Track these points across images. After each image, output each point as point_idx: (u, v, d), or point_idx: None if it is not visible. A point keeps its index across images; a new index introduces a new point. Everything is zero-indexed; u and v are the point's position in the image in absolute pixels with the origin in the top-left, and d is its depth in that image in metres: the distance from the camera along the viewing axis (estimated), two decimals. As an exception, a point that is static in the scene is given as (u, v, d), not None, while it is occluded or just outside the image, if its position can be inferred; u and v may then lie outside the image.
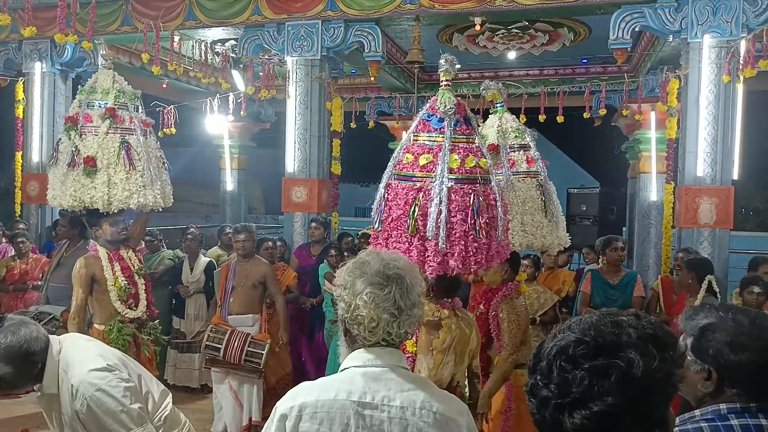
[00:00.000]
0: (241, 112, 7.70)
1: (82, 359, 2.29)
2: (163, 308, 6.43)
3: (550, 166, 4.30)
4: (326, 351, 5.75)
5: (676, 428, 1.07)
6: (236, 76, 8.50)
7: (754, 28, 5.47)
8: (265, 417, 5.22)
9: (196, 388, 6.18)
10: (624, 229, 9.87)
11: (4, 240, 6.55)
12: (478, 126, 2.99)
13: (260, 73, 7.37)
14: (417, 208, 2.69)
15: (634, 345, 1.01)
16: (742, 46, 5.46)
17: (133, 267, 4.37)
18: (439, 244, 2.64)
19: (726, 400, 1.44)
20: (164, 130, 7.53)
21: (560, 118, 7.62)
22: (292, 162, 6.80)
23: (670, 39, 5.94)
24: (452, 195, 2.68)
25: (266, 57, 7.21)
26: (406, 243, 2.71)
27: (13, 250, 6.28)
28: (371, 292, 1.55)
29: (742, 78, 5.47)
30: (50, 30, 7.14)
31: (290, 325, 5.69)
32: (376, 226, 2.84)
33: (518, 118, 7.61)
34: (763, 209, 17.22)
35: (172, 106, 7.67)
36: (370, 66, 6.76)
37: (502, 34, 8.07)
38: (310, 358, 6.14)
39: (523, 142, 4.02)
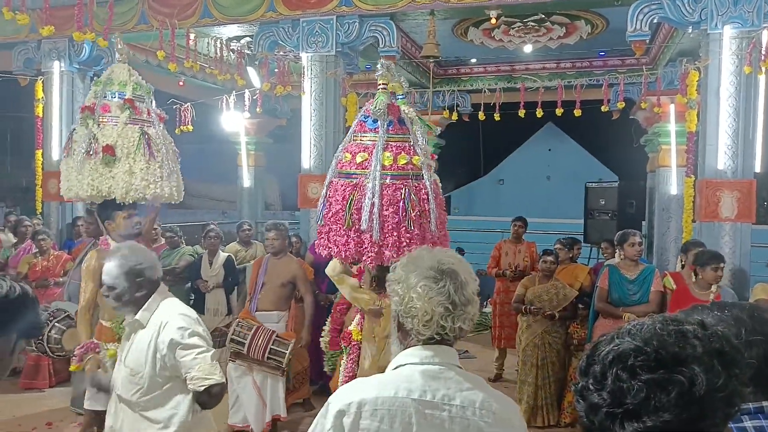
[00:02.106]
0: (257, 109, 7.73)
1: (176, 306, 2.64)
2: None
3: (568, 160, 4.27)
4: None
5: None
6: (252, 72, 8.52)
7: (777, 18, 5.37)
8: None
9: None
10: (643, 223, 9.76)
11: (28, 238, 6.66)
12: (413, 126, 3.22)
13: (275, 70, 7.39)
14: (353, 203, 2.94)
15: (698, 360, 0.95)
16: (764, 36, 5.35)
17: None
18: (374, 235, 2.87)
19: None
20: (181, 127, 7.59)
21: (578, 112, 7.54)
22: (307, 158, 6.81)
23: (690, 30, 5.85)
24: (385, 190, 2.92)
25: (281, 53, 7.23)
26: (345, 236, 2.96)
27: (36, 248, 6.38)
28: (425, 285, 1.54)
29: (763, 69, 5.36)
30: (68, 29, 7.22)
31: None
32: (320, 222, 3.09)
33: (535, 112, 7.65)
34: (786, 202, 16.92)
35: (188, 103, 7.72)
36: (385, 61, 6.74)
37: (518, 27, 8.01)
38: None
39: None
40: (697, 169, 5.93)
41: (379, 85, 3.14)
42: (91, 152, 4.21)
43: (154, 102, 4.62)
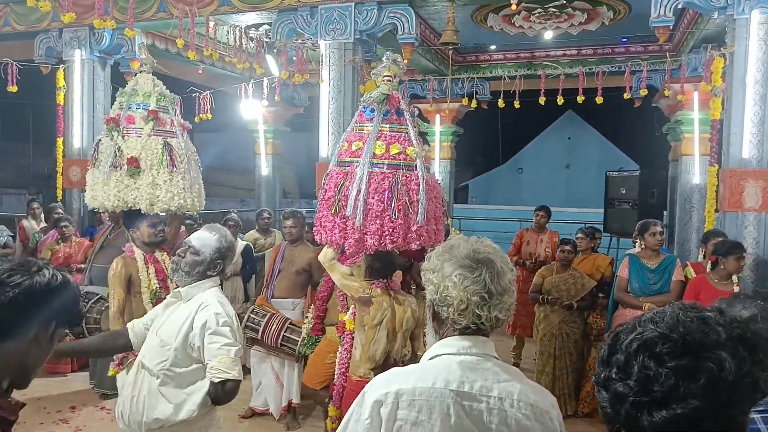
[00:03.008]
0: (275, 97, 7.73)
1: (220, 297, 2.67)
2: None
3: (588, 149, 4.28)
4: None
5: None
6: (270, 60, 8.53)
7: (806, 3, 5.23)
8: (304, 398, 5.33)
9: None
10: (665, 213, 9.64)
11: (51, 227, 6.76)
12: (414, 117, 3.28)
13: (294, 58, 7.38)
14: (342, 190, 2.99)
15: (723, 346, 0.95)
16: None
17: (167, 270, 4.38)
18: (357, 222, 2.91)
19: None
20: (200, 115, 7.62)
21: (599, 99, 7.44)
22: (325, 146, 6.81)
23: (715, 16, 5.72)
24: (372, 178, 2.94)
25: (299, 41, 7.21)
26: (332, 222, 3.01)
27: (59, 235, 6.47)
28: (461, 274, 1.53)
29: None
30: (89, 17, 7.27)
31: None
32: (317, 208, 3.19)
33: (556, 99, 7.56)
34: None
35: (207, 91, 7.75)
36: (403, 48, 6.70)
37: (539, 13, 7.90)
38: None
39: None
40: (721, 158, 5.83)
41: (384, 76, 3.19)
42: (116, 164, 4.27)
43: (178, 111, 4.65)
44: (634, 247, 5.51)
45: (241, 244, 6.41)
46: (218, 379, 2.45)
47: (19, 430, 4.68)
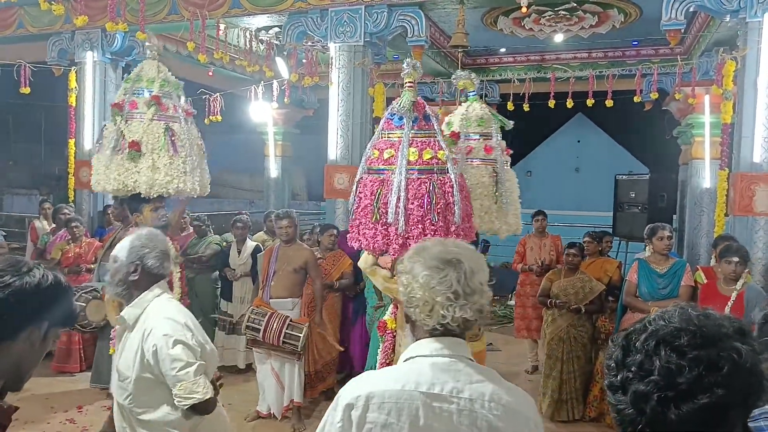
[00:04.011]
0: (285, 99, 7.76)
1: (165, 309, 2.50)
2: (209, 291, 6.60)
3: (598, 152, 4.36)
4: (368, 337, 5.79)
5: (749, 422, 1.03)
6: (280, 63, 8.56)
7: (819, 6, 5.19)
8: (310, 399, 5.35)
9: (242, 368, 6.32)
10: (674, 217, 9.58)
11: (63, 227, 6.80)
12: (437, 122, 3.33)
13: (303, 60, 7.40)
14: (380, 197, 3.06)
15: (732, 336, 0.98)
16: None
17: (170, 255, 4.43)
18: (399, 228, 2.99)
19: None
20: (210, 117, 7.66)
21: (609, 102, 7.41)
22: (334, 149, 6.82)
23: (727, 19, 5.68)
24: (410, 184, 3.03)
25: (309, 44, 7.24)
26: (373, 229, 3.08)
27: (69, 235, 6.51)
28: (427, 274, 1.54)
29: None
30: (101, 19, 7.33)
31: (339, 312, 5.80)
32: (351, 215, 3.24)
33: (565, 102, 7.53)
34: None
35: (217, 93, 7.79)
36: (413, 51, 6.70)
37: (549, 16, 7.89)
38: (351, 344, 6.20)
39: (485, 131, 4.37)
40: (732, 162, 5.79)
41: (406, 82, 3.23)
42: (118, 148, 4.31)
43: (183, 97, 4.67)
44: (645, 251, 5.48)
45: (250, 245, 6.44)
46: (185, 407, 2.38)
47: (26, 429, 4.72)
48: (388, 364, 3.35)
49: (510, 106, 8.71)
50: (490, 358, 7.06)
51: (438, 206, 3.03)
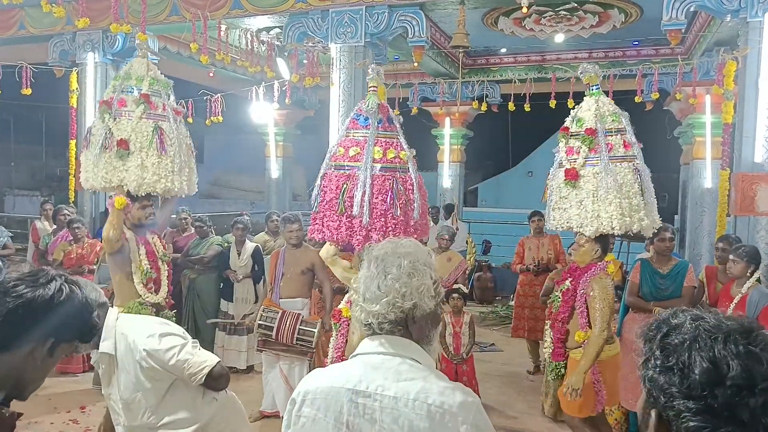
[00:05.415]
0: (286, 100, 7.76)
1: (132, 320, 2.59)
2: (211, 292, 6.60)
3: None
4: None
5: None
6: (281, 64, 8.57)
7: (820, 6, 5.19)
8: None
9: (242, 369, 6.32)
10: (676, 217, 9.59)
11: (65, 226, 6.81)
12: (401, 124, 3.57)
13: (304, 61, 7.41)
14: (346, 192, 3.28)
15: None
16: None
17: (158, 252, 4.44)
18: (364, 220, 3.21)
19: None
20: (211, 118, 7.67)
21: (610, 103, 7.40)
22: (335, 149, 6.82)
23: (728, 19, 5.69)
24: (375, 180, 3.26)
25: (310, 44, 7.25)
26: (337, 221, 3.28)
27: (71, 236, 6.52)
28: (364, 274, 1.58)
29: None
30: (102, 21, 7.34)
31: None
32: (315, 208, 3.42)
33: (566, 102, 7.54)
34: (826, 196, 16.42)
35: (218, 94, 7.80)
36: (414, 51, 6.71)
37: (550, 16, 7.89)
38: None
39: (620, 126, 4.14)
40: (733, 162, 5.79)
41: (370, 87, 3.51)
42: (106, 146, 4.31)
43: (172, 96, 4.67)
44: (647, 251, 5.48)
45: (250, 246, 6.44)
46: (203, 377, 2.47)
47: (30, 429, 4.73)
48: (343, 351, 3.51)
49: (511, 107, 8.72)
50: (491, 358, 7.07)
51: (400, 201, 3.28)
